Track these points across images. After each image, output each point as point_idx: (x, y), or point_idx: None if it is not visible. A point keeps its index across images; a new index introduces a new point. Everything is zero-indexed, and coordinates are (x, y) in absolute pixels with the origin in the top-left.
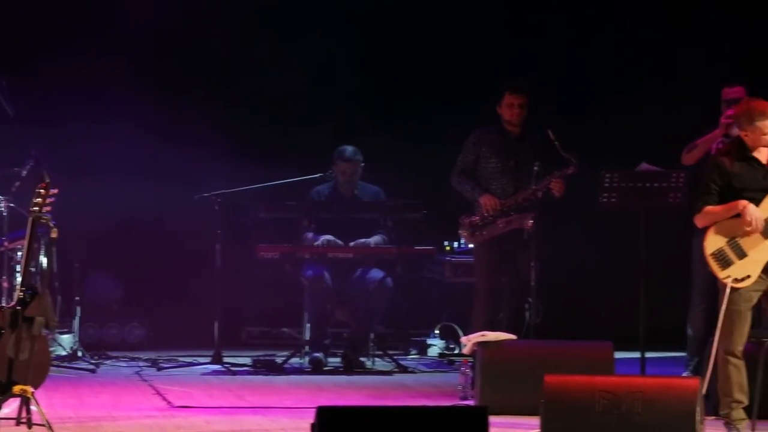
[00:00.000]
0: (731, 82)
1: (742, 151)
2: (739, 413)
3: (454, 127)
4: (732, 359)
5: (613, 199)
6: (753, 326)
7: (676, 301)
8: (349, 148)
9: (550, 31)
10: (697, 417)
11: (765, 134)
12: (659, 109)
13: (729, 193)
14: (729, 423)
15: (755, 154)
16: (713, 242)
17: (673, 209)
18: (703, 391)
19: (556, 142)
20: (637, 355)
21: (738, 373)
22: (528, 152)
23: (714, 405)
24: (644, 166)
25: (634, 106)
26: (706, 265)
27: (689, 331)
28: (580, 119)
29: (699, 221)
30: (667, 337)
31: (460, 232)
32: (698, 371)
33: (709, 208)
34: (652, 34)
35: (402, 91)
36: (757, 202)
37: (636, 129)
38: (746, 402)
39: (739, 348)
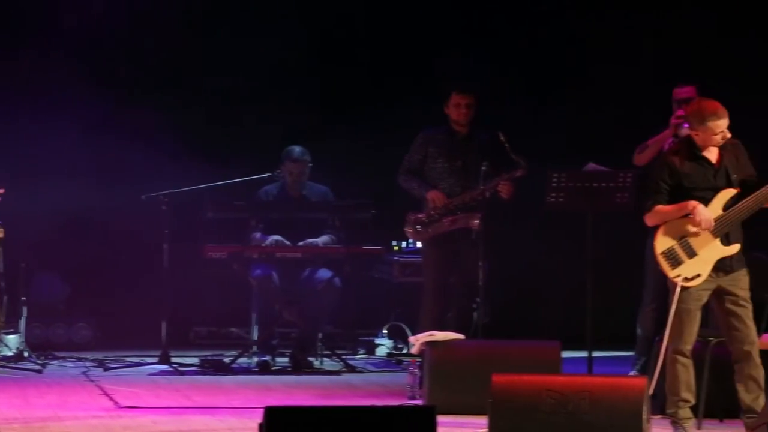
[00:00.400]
0: (682, 82)
1: (692, 151)
2: (685, 412)
3: (403, 127)
4: (681, 358)
5: (560, 199)
6: (700, 326)
7: (623, 300)
8: (297, 149)
9: (499, 31)
10: (644, 416)
11: (715, 134)
12: (608, 109)
13: (679, 193)
14: (676, 422)
15: (705, 153)
16: (663, 241)
17: (620, 209)
18: (651, 390)
19: (506, 144)
20: (584, 354)
21: (686, 372)
22: (475, 152)
23: (661, 404)
24: (591, 166)
25: (583, 106)
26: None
27: (638, 331)
28: (529, 119)
29: (649, 220)
30: (615, 337)
31: (405, 229)
32: (645, 370)
33: (660, 207)
34: (601, 33)
35: (350, 92)
36: (706, 201)
37: (584, 129)
38: (693, 401)
39: (688, 347)
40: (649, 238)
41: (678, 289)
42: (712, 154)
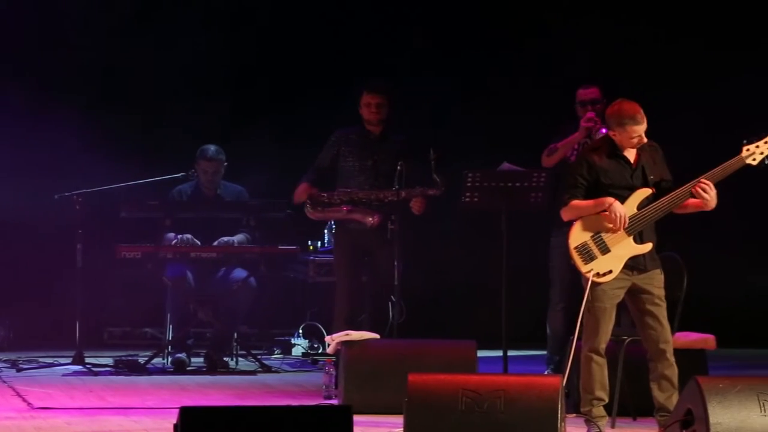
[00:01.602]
0: (586, 83)
1: (612, 149)
2: (599, 410)
3: (319, 127)
4: (595, 357)
5: (475, 199)
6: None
7: (538, 299)
8: (211, 147)
9: (417, 30)
10: (559, 414)
11: (632, 138)
12: (522, 109)
13: (596, 189)
14: (589, 420)
15: (625, 153)
16: (578, 236)
17: (535, 209)
18: (564, 388)
19: (432, 162)
20: (499, 353)
21: (600, 371)
22: (388, 152)
23: (575, 402)
24: (506, 165)
25: (497, 107)
26: (563, 263)
27: (548, 330)
28: (445, 118)
29: (565, 215)
30: (530, 336)
31: (306, 201)
32: (559, 369)
33: (576, 202)
34: (515, 35)
35: (266, 92)
36: (622, 199)
37: (499, 128)
38: (607, 399)
39: (603, 346)
40: (553, 237)
41: (588, 285)
42: (630, 154)
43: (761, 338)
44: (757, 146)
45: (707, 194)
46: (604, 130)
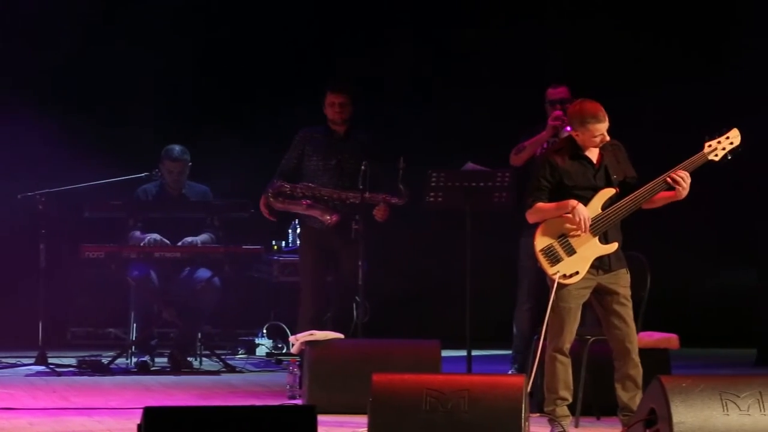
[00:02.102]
0: (555, 82)
1: (575, 150)
2: (563, 410)
3: (284, 127)
4: (560, 356)
5: (439, 199)
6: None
7: (501, 299)
8: (176, 148)
9: (382, 30)
10: (523, 414)
11: (595, 137)
12: (487, 109)
13: (560, 191)
14: (554, 419)
15: (587, 153)
16: (543, 239)
17: (499, 209)
18: (528, 388)
19: (400, 171)
20: (463, 353)
21: (564, 371)
22: (352, 151)
23: (539, 402)
24: (470, 165)
25: (462, 106)
26: (531, 263)
27: (515, 330)
28: (408, 118)
29: (530, 217)
30: (494, 336)
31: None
32: (524, 369)
33: (540, 204)
34: (479, 35)
35: (231, 92)
36: (586, 200)
37: (463, 128)
38: (570, 399)
39: (567, 346)
40: (522, 237)
41: (554, 286)
42: (593, 154)
43: (724, 338)
44: (719, 142)
45: (683, 183)
46: (569, 128)
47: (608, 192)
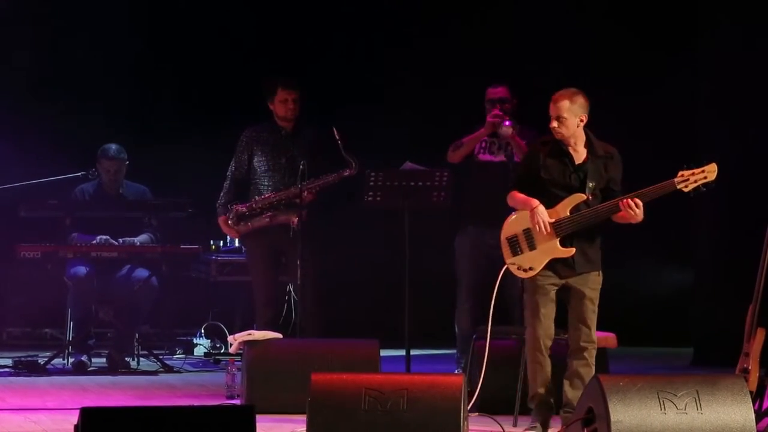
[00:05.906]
0: (495, 82)
1: (558, 146)
2: (538, 409)
3: (226, 125)
4: (539, 355)
5: (378, 198)
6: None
7: (440, 298)
8: (113, 146)
9: (330, 31)
10: (461, 413)
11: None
12: (425, 109)
13: (536, 183)
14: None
15: (572, 152)
16: (511, 227)
17: (437, 208)
18: (478, 387)
19: (339, 141)
20: (402, 352)
21: (539, 370)
22: (300, 148)
23: (480, 401)
24: (408, 165)
25: (400, 106)
26: (466, 263)
27: (456, 330)
28: (348, 119)
29: (508, 201)
30: (433, 335)
31: (222, 223)
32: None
33: (515, 193)
34: (419, 35)
35: (170, 91)
36: (558, 198)
37: (402, 128)
38: (546, 397)
39: (541, 342)
40: (458, 236)
41: (500, 276)
42: (578, 155)
43: (661, 337)
44: (693, 173)
45: (633, 210)
46: (507, 123)
47: (578, 197)
